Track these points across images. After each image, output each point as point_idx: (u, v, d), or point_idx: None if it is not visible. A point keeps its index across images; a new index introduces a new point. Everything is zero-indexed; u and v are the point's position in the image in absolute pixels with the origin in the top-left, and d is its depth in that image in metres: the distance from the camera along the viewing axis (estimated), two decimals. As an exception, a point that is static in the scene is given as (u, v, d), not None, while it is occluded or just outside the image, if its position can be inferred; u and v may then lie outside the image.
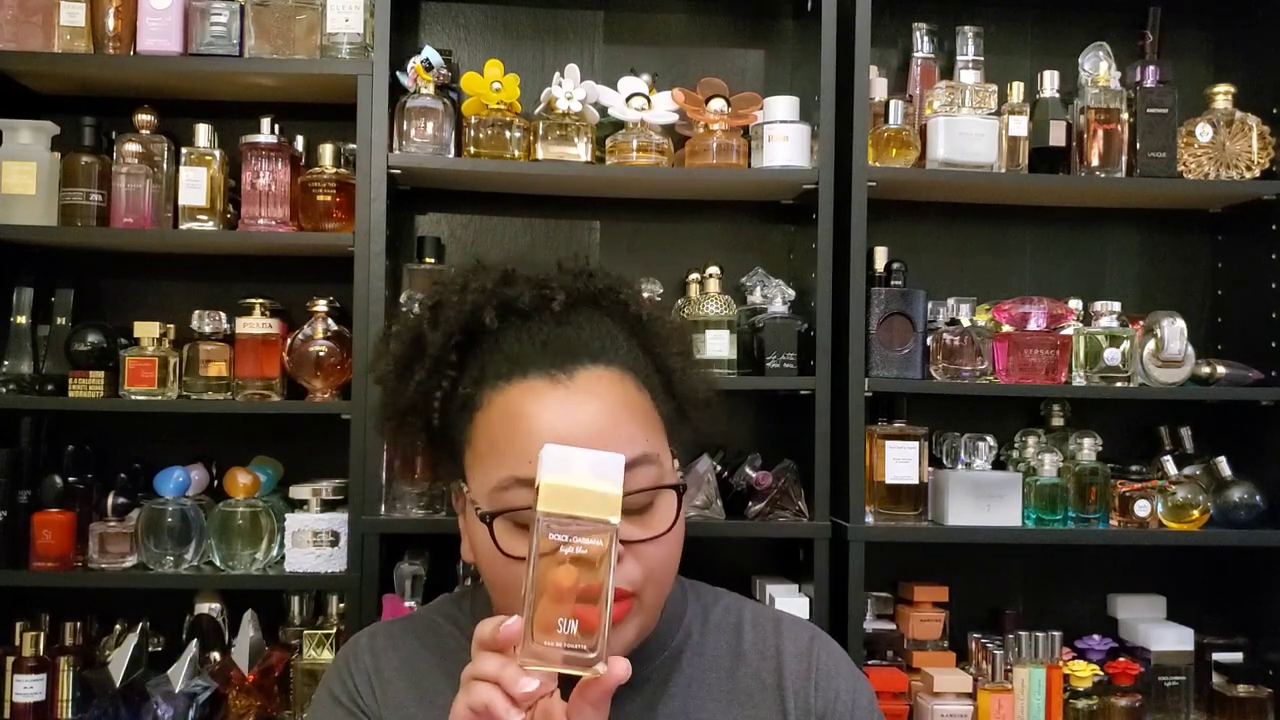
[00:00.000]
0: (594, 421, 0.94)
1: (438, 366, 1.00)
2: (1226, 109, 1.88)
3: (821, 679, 1.04)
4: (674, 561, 0.98)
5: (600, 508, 0.76)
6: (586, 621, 0.75)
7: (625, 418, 0.96)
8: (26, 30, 1.75)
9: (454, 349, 1.00)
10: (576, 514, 0.75)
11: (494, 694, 0.77)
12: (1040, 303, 1.81)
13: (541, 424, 0.93)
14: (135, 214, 1.76)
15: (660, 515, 0.94)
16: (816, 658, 1.05)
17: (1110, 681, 1.79)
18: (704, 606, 1.09)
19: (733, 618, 1.09)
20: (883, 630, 1.83)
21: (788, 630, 1.08)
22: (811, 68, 1.81)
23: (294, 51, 1.76)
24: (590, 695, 0.78)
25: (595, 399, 0.95)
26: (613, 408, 0.95)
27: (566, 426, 0.92)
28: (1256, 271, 1.94)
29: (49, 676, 1.71)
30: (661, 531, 0.93)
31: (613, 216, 2.00)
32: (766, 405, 1.97)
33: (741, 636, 1.07)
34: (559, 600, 0.74)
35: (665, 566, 0.96)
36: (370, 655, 1.06)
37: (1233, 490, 1.82)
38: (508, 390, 0.96)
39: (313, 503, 1.75)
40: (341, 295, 1.80)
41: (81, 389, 1.74)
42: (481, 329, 1.00)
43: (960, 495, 1.77)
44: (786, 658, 1.05)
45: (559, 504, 0.75)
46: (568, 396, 0.95)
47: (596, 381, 0.96)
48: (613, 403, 0.96)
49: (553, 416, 0.94)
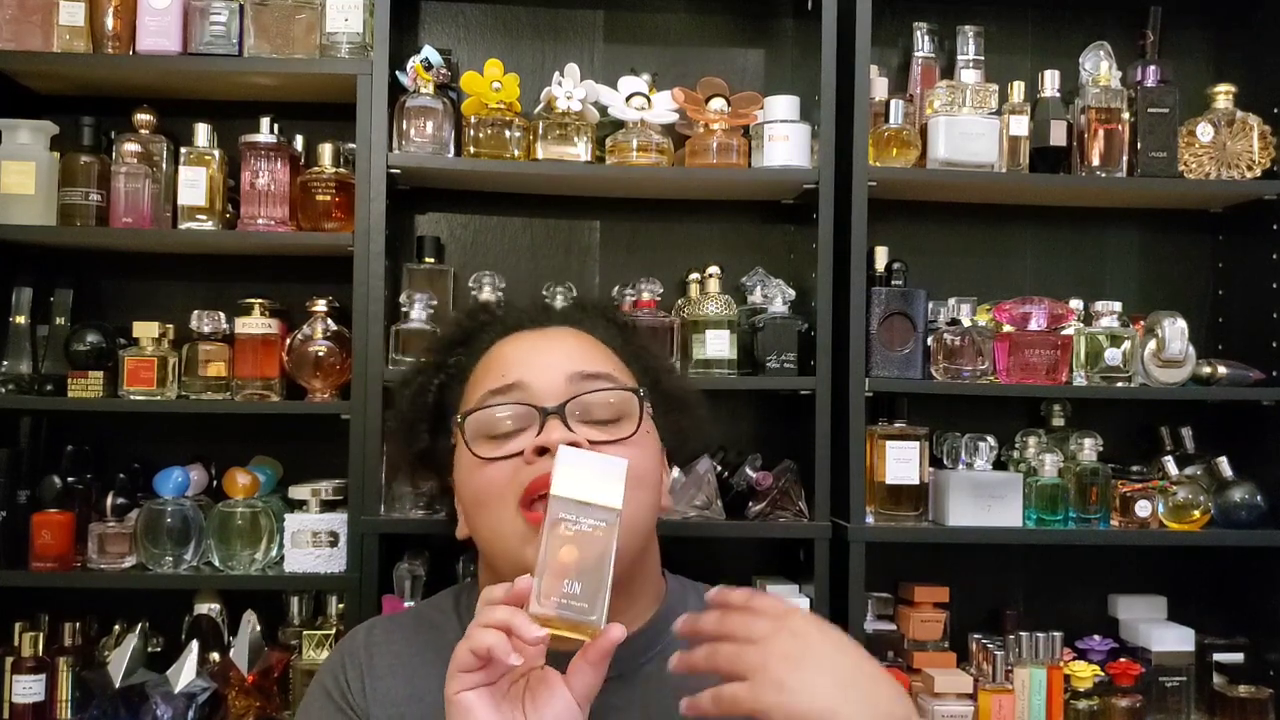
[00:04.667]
0: (562, 344, 1.07)
1: (436, 364, 1.14)
2: (1227, 109, 1.88)
3: None
4: (643, 475, 1.01)
5: (605, 497, 0.87)
6: (589, 586, 0.84)
7: (593, 350, 1.08)
8: (26, 30, 1.75)
9: (450, 350, 1.14)
10: (584, 499, 0.86)
11: (499, 637, 0.82)
12: (1041, 303, 1.80)
13: (516, 352, 1.07)
14: (134, 214, 1.75)
15: (626, 427, 1.03)
16: None
17: (1111, 682, 1.79)
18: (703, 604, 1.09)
19: None
20: (883, 631, 1.83)
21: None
22: (812, 67, 1.81)
23: (293, 51, 1.76)
24: (590, 656, 0.85)
25: (567, 335, 1.10)
26: (583, 344, 1.09)
27: (536, 345, 1.07)
28: (1257, 271, 1.94)
29: (48, 677, 1.71)
30: (626, 435, 1.01)
31: (613, 216, 1.99)
32: (766, 405, 1.97)
33: None
34: (564, 572, 0.84)
35: (635, 474, 0.96)
36: (365, 650, 1.08)
37: (1234, 490, 1.82)
38: (493, 348, 1.10)
39: (312, 503, 1.75)
40: (341, 295, 1.80)
41: (81, 389, 1.73)
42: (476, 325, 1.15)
43: (961, 495, 1.77)
44: None
45: (569, 490, 0.86)
46: (541, 335, 1.10)
47: (570, 331, 1.11)
48: (583, 339, 1.09)
49: (526, 346, 1.08)
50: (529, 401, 1.01)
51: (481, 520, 1.01)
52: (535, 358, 1.05)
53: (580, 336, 1.10)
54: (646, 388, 1.08)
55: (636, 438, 1.02)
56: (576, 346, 1.08)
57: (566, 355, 1.05)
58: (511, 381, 1.02)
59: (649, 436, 1.05)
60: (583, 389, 1.02)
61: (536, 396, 1.01)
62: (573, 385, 1.02)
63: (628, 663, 1.01)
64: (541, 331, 1.10)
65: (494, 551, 1.01)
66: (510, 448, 1.00)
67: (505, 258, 1.98)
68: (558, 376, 1.02)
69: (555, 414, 0.99)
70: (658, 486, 1.06)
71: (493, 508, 0.99)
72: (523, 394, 1.01)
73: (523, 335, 1.10)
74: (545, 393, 1.01)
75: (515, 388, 1.02)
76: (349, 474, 1.71)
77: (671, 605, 1.07)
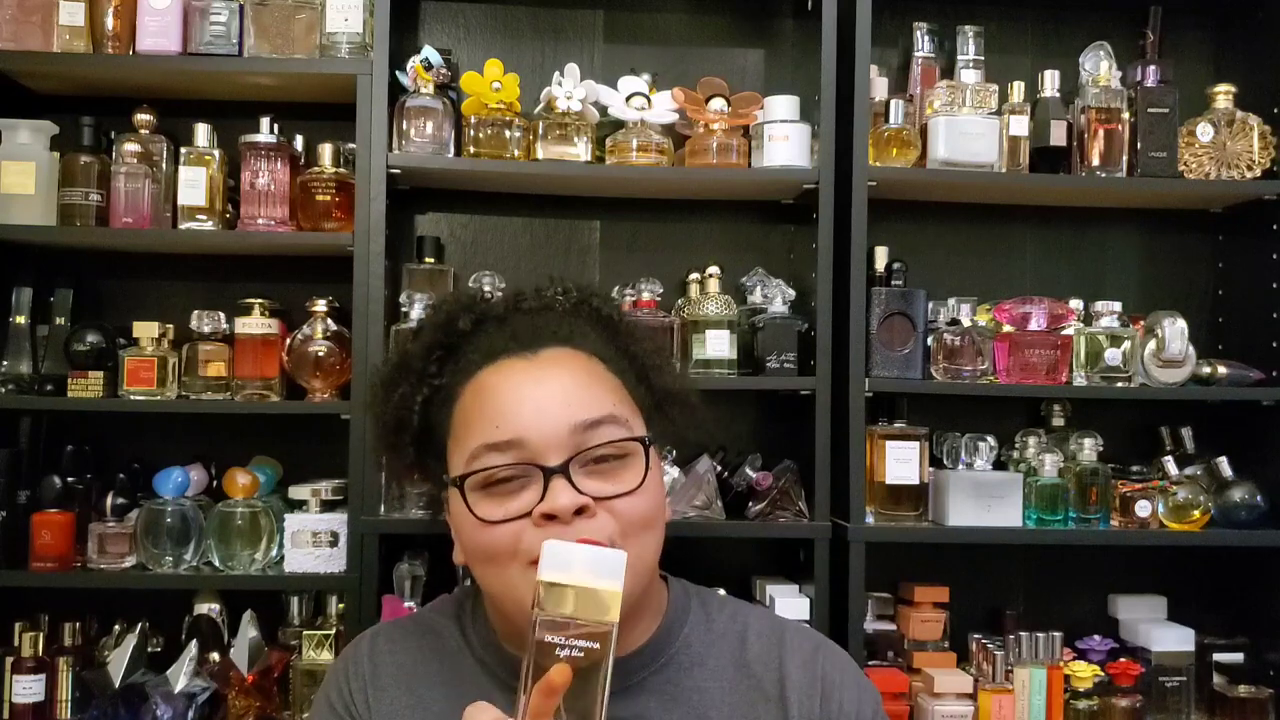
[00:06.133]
0: (559, 385, 0.99)
1: (420, 377, 1.06)
2: (1227, 109, 1.88)
3: (827, 689, 1.03)
4: (651, 519, 0.99)
5: (598, 609, 0.77)
6: (581, 707, 0.76)
7: (590, 383, 1.01)
8: (25, 30, 1.75)
9: (434, 360, 1.06)
10: (574, 615, 0.76)
11: None
12: (1041, 303, 1.80)
13: (508, 392, 0.99)
14: (134, 214, 1.75)
15: (632, 473, 0.98)
16: (821, 669, 1.05)
17: (1111, 682, 1.79)
18: (708, 614, 1.09)
19: (737, 626, 1.08)
20: (883, 631, 1.83)
21: (792, 640, 1.07)
22: (812, 67, 1.81)
23: (293, 51, 1.76)
24: None
25: (560, 368, 1.01)
26: (578, 375, 1.01)
27: (531, 392, 0.98)
28: (1257, 271, 1.94)
29: (48, 677, 1.71)
30: (631, 488, 0.96)
31: (613, 216, 1.99)
32: (766, 405, 1.97)
33: (746, 647, 1.06)
34: (553, 693, 0.75)
35: (642, 522, 0.97)
36: (369, 660, 1.07)
37: (1234, 490, 1.82)
38: (480, 375, 1.02)
39: (312, 503, 1.75)
40: (341, 295, 1.80)
41: (81, 389, 1.73)
42: (458, 335, 1.06)
43: (961, 495, 1.77)
44: (790, 669, 1.04)
45: (557, 603, 0.77)
46: (532, 367, 1.01)
47: (561, 356, 1.02)
48: (578, 371, 1.01)
49: (518, 384, 0.99)
50: (530, 460, 0.96)
51: (490, 575, 0.98)
52: (532, 405, 0.97)
53: (573, 368, 1.02)
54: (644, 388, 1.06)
55: (645, 485, 0.98)
56: (573, 385, 1.00)
57: (564, 402, 0.98)
58: (509, 437, 0.96)
59: (654, 473, 1.01)
60: (586, 442, 0.96)
61: (537, 452, 0.95)
62: (575, 436, 0.96)
63: (632, 676, 1.01)
64: (533, 362, 1.01)
65: (503, 601, 0.98)
66: (514, 507, 0.95)
67: (505, 258, 1.98)
68: (559, 428, 0.96)
69: (559, 473, 0.94)
70: (662, 520, 1.02)
71: (502, 565, 0.96)
72: (522, 451, 0.96)
73: (513, 366, 1.01)
74: (546, 446, 0.95)
75: (514, 445, 0.96)
76: (349, 474, 1.71)
77: (675, 617, 1.07)
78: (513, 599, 0.95)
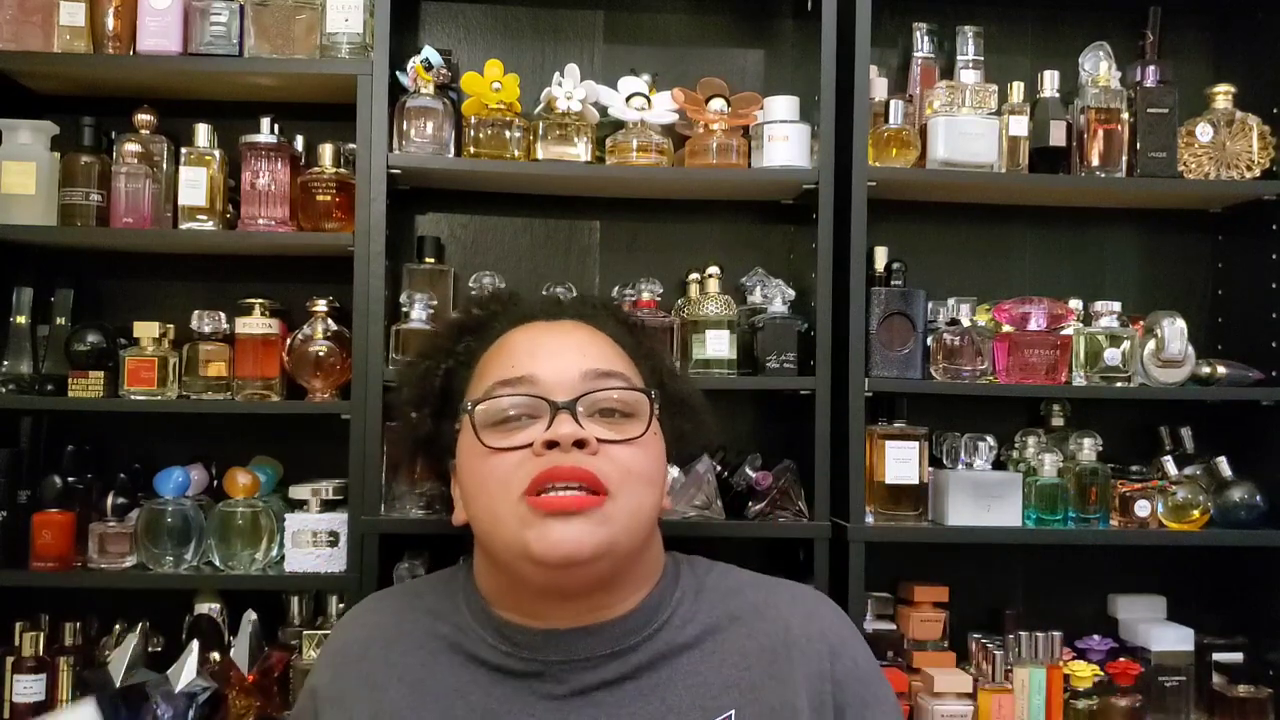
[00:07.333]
0: (575, 339, 1.08)
1: (445, 350, 1.15)
2: (1227, 109, 1.88)
3: (838, 646, 1.06)
4: (650, 475, 1.03)
5: None
6: None
7: (606, 348, 1.08)
8: (26, 30, 1.75)
9: (460, 336, 1.15)
10: None
11: None
12: (1040, 303, 1.81)
13: (527, 341, 1.08)
14: (135, 214, 1.75)
15: (635, 426, 1.03)
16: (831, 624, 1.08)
17: (1110, 682, 1.79)
18: (698, 577, 1.12)
19: (730, 582, 1.12)
20: (883, 630, 1.83)
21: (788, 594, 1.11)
22: (811, 68, 1.81)
23: (294, 51, 1.76)
24: None
25: (579, 330, 1.10)
26: (596, 340, 1.09)
27: (548, 341, 1.07)
28: (1257, 271, 1.94)
29: (48, 677, 1.71)
30: (633, 435, 1.02)
31: (613, 216, 2.00)
32: (766, 405, 1.97)
33: (740, 599, 1.09)
34: None
35: (641, 474, 1.01)
36: (341, 630, 1.14)
37: (1233, 490, 1.82)
38: (503, 337, 1.11)
39: (312, 503, 1.75)
40: (341, 295, 1.80)
41: (81, 389, 1.73)
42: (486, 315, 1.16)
43: (960, 495, 1.77)
44: (793, 622, 1.07)
45: None
46: (553, 327, 1.11)
47: (581, 325, 1.12)
48: (596, 336, 1.12)
49: (537, 335, 1.08)
50: (540, 394, 1.01)
51: (482, 504, 1.02)
52: (547, 350, 1.05)
53: (593, 333, 1.10)
54: (655, 389, 1.08)
55: (644, 438, 1.03)
56: (590, 342, 1.08)
57: (580, 350, 1.05)
58: (522, 374, 1.03)
59: (655, 436, 1.06)
60: (596, 386, 1.02)
61: (548, 390, 1.01)
62: (585, 382, 1.02)
63: (621, 640, 1.03)
64: (554, 324, 1.11)
65: (491, 535, 1.02)
66: (518, 439, 1.00)
67: (505, 258, 1.98)
68: (570, 371, 1.03)
69: (566, 409, 1.00)
70: (661, 485, 1.06)
71: (496, 494, 1.00)
72: (533, 387, 1.02)
73: (534, 326, 1.11)
74: (556, 386, 1.01)
75: (526, 380, 1.02)
76: (349, 474, 1.71)
77: (665, 585, 1.09)
78: (501, 529, 0.99)
